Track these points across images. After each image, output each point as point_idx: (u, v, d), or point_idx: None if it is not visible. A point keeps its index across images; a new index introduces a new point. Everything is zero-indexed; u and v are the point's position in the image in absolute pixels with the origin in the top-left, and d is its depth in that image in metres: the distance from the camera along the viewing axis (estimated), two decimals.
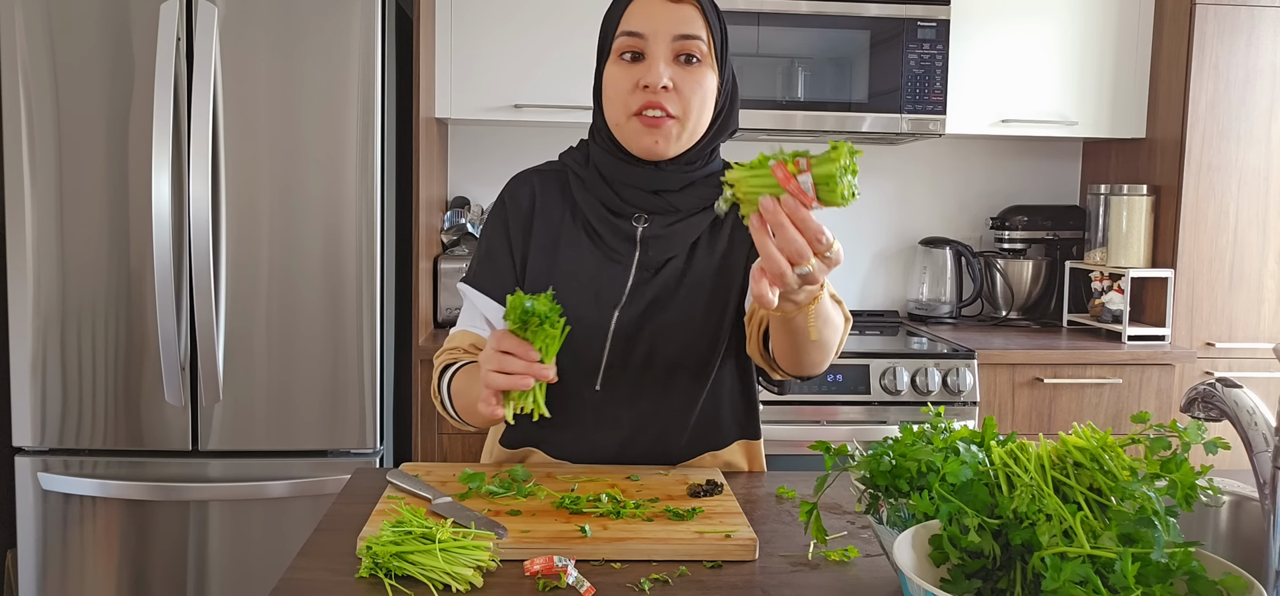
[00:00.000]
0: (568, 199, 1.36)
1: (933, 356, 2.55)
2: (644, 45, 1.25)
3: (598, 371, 1.33)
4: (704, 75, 1.27)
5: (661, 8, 1.24)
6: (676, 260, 1.32)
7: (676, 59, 1.25)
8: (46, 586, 2.36)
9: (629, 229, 1.32)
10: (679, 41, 1.24)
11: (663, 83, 1.24)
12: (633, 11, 1.26)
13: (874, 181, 3.21)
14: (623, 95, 1.27)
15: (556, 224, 1.35)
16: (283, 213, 2.31)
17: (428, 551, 1.01)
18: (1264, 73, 2.76)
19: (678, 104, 1.25)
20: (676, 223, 1.32)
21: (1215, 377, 0.93)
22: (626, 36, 1.25)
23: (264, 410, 2.34)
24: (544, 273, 1.34)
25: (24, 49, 2.23)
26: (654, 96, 1.24)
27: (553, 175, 1.39)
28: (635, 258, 1.32)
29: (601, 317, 1.31)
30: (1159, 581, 0.80)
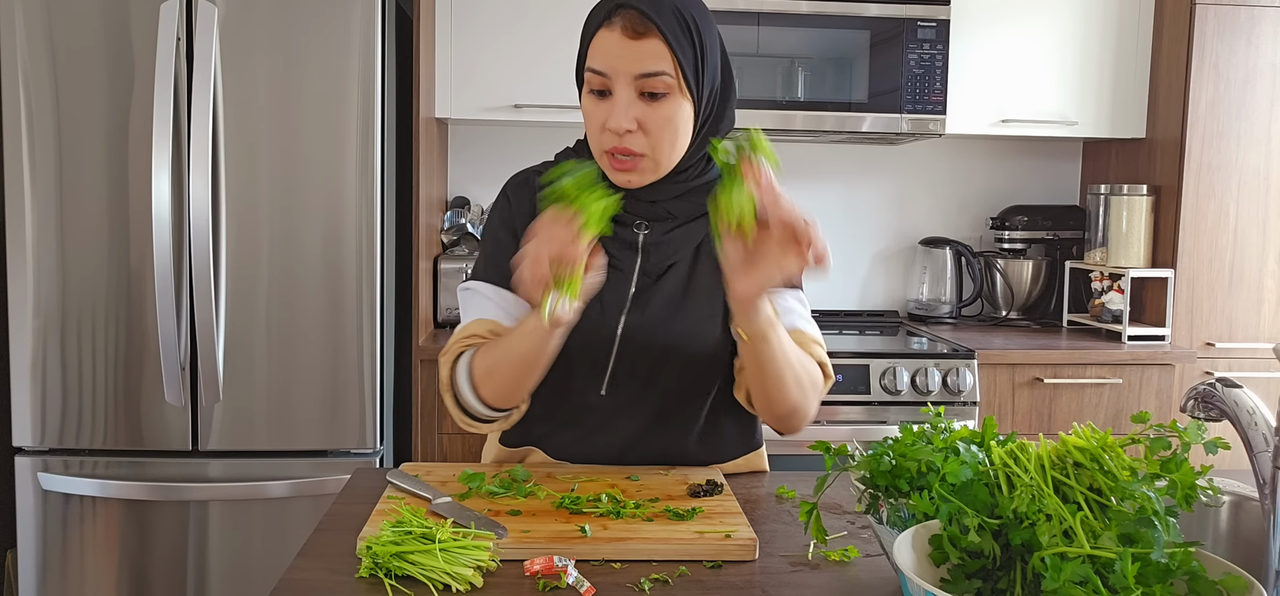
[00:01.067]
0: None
1: (933, 356, 2.55)
2: (608, 83, 1.21)
3: (604, 376, 1.32)
4: (671, 108, 1.22)
5: (622, 45, 1.19)
6: (680, 267, 1.31)
7: (642, 96, 1.21)
8: (46, 586, 2.36)
9: (630, 236, 1.31)
10: (641, 80, 1.20)
11: (626, 126, 1.20)
12: (596, 47, 1.21)
13: (874, 181, 3.21)
14: (595, 131, 1.25)
15: None
16: (283, 213, 2.31)
17: (428, 551, 1.01)
18: (1264, 73, 2.76)
19: (644, 143, 1.22)
20: (676, 229, 1.31)
21: (1215, 377, 0.93)
22: (592, 73, 1.22)
23: (264, 410, 2.34)
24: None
25: (24, 49, 2.23)
26: (618, 141, 1.21)
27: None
28: (638, 264, 1.31)
29: (607, 322, 1.30)
30: (1159, 581, 0.80)
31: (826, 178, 3.19)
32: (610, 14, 1.20)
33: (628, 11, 1.19)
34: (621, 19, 1.19)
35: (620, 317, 1.30)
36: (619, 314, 1.30)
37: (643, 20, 1.18)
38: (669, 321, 1.30)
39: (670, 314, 1.30)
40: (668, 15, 1.19)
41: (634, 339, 1.30)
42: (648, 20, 1.18)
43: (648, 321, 1.30)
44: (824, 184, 3.19)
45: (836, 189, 3.19)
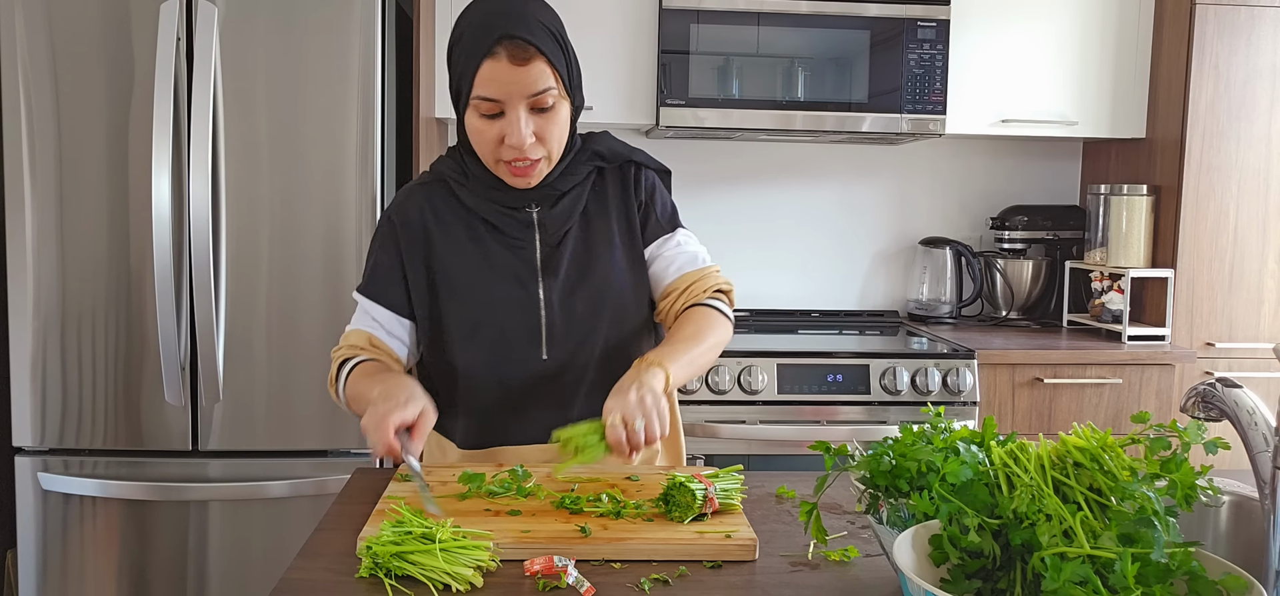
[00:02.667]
0: (458, 204, 1.44)
1: (933, 356, 2.55)
2: (500, 107, 1.31)
3: (541, 342, 1.41)
4: (559, 112, 1.35)
5: (511, 72, 1.29)
6: (573, 230, 1.44)
7: (533, 110, 1.32)
8: (46, 586, 2.36)
9: (526, 217, 1.42)
10: (533, 98, 1.31)
11: (528, 141, 1.32)
12: (484, 78, 1.30)
13: (874, 181, 3.21)
14: (490, 145, 1.35)
15: (458, 228, 1.43)
16: (283, 212, 2.31)
17: (428, 551, 1.01)
18: (1264, 73, 2.76)
19: (541, 149, 1.35)
20: (561, 200, 1.43)
21: (1215, 377, 0.93)
22: (481, 101, 1.31)
23: (264, 410, 2.34)
24: (462, 271, 1.42)
25: (24, 49, 2.23)
26: (520, 154, 1.33)
27: (434, 187, 1.46)
28: (537, 238, 1.43)
29: (528, 292, 1.41)
30: (1159, 581, 0.80)
31: (826, 178, 3.19)
32: (492, 45, 1.28)
33: (510, 41, 1.28)
34: (505, 49, 1.28)
35: (537, 283, 1.41)
36: (535, 282, 1.41)
37: (524, 46, 1.29)
38: (581, 276, 1.42)
39: (578, 269, 1.43)
40: (543, 36, 1.31)
41: (555, 298, 1.41)
42: (529, 45, 1.29)
43: (563, 281, 1.42)
44: (824, 184, 3.19)
45: (836, 189, 3.19)
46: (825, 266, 3.22)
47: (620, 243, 1.45)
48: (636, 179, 1.47)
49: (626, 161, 1.47)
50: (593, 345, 1.43)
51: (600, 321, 1.43)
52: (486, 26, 1.29)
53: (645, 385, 1.22)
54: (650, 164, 1.50)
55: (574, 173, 1.43)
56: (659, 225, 1.48)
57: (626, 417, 1.19)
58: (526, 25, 1.29)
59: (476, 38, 1.30)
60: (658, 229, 1.48)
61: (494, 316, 1.40)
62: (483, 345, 1.41)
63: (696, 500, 1.16)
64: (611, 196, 1.46)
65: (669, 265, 1.46)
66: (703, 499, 1.17)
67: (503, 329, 1.40)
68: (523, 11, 1.30)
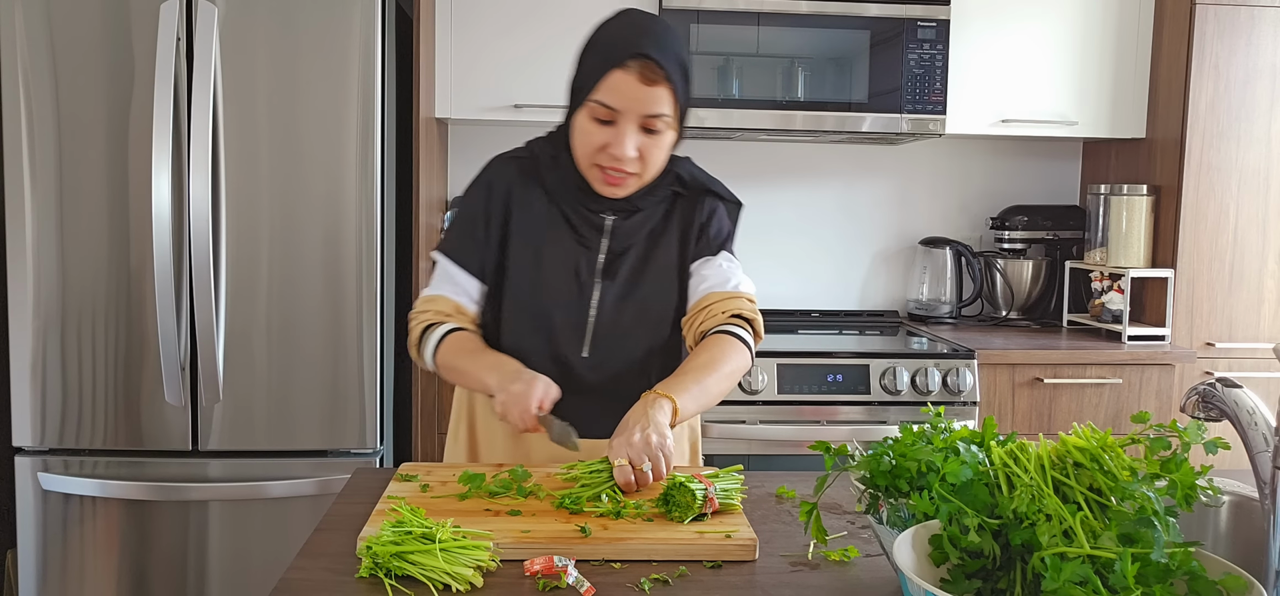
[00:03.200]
0: (542, 188, 1.49)
1: (933, 356, 2.55)
2: (615, 116, 1.37)
3: (584, 339, 1.47)
4: (665, 138, 1.41)
5: (636, 88, 1.34)
6: (638, 246, 1.50)
7: (642, 129, 1.38)
8: (46, 586, 2.36)
9: (599, 221, 1.48)
10: (647, 119, 1.37)
11: (631, 154, 1.38)
12: (609, 85, 1.35)
13: (874, 181, 3.21)
14: (590, 149, 1.40)
15: (536, 209, 1.49)
16: (283, 213, 2.31)
17: (428, 551, 1.01)
18: (1264, 73, 2.76)
19: (639, 165, 1.40)
20: (636, 214, 1.49)
21: (1215, 377, 0.93)
22: (599, 105, 1.36)
23: (264, 410, 2.34)
24: (529, 254, 1.47)
25: (24, 49, 2.23)
26: (619, 164, 1.38)
27: (527, 163, 1.51)
28: (604, 244, 1.48)
29: (584, 291, 1.47)
30: (1159, 581, 0.80)
31: (826, 178, 3.19)
32: (626, 58, 1.34)
33: (645, 60, 1.34)
34: (638, 65, 1.34)
35: (595, 285, 1.47)
36: (593, 282, 1.48)
37: (656, 69, 1.34)
38: (634, 287, 1.48)
39: (633, 279, 1.48)
40: (674, 64, 1.36)
41: (607, 302, 1.47)
42: (660, 69, 1.34)
43: (617, 288, 1.48)
44: (824, 184, 3.19)
45: (836, 189, 3.19)
46: (825, 266, 3.22)
47: (676, 263, 1.51)
48: (701, 205, 1.52)
49: (704, 191, 1.53)
50: (632, 352, 1.49)
51: (642, 332, 1.49)
52: (626, 39, 1.35)
53: (651, 422, 1.26)
54: (725, 195, 1.55)
55: (653, 193, 1.49)
56: (706, 245, 1.52)
57: (633, 459, 1.23)
58: (662, 50, 1.35)
59: (614, 45, 1.36)
60: (704, 248, 1.52)
61: (545, 305, 1.46)
62: (529, 329, 1.47)
63: (696, 500, 1.16)
64: (678, 220, 1.52)
65: (701, 284, 1.50)
66: (703, 499, 1.17)
67: (551, 319, 1.46)
68: (663, 38, 1.36)
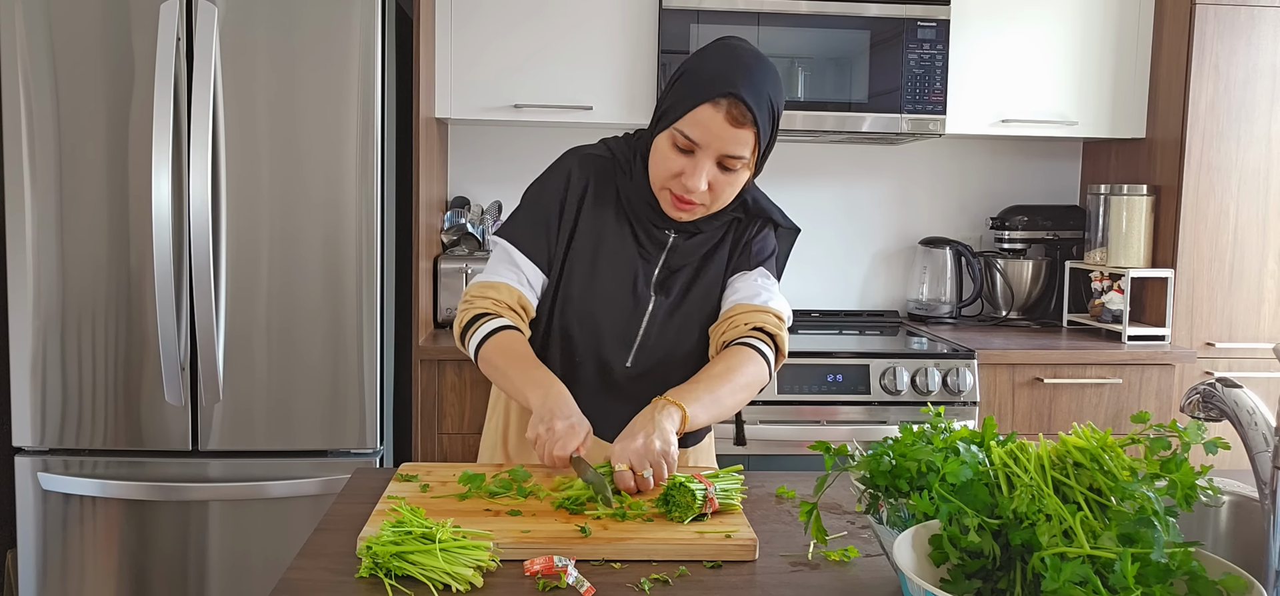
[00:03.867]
0: (613, 190, 1.48)
1: (933, 356, 2.55)
2: (694, 148, 1.34)
3: (631, 349, 1.48)
4: (739, 177, 1.39)
5: (722, 127, 1.32)
6: (691, 265, 1.50)
7: (719, 166, 1.36)
8: (46, 586, 2.36)
9: (661, 236, 1.48)
10: (727, 158, 1.35)
11: (702, 188, 1.36)
12: (696, 118, 1.32)
13: (874, 181, 3.21)
14: (665, 173, 1.38)
15: (606, 213, 1.48)
16: (283, 212, 2.31)
17: (428, 551, 1.01)
18: (1264, 73, 2.76)
19: (708, 198, 1.39)
20: (698, 235, 1.49)
21: (1215, 377, 0.93)
22: (681, 135, 1.34)
23: (264, 410, 2.34)
24: (588, 255, 1.47)
25: (24, 49, 2.23)
26: (689, 195, 1.37)
27: (606, 164, 1.49)
28: (662, 258, 1.49)
29: (640, 302, 1.48)
30: (1159, 581, 0.80)
31: (826, 178, 3.19)
32: (719, 95, 1.31)
33: (736, 101, 1.31)
34: (728, 104, 1.31)
35: (650, 298, 1.48)
36: (649, 295, 1.49)
37: (745, 112, 1.32)
38: (683, 302, 1.50)
39: (685, 296, 1.50)
40: (764, 110, 1.34)
41: (658, 317, 1.49)
42: (749, 113, 1.32)
43: (670, 303, 1.49)
44: (824, 184, 3.19)
45: (836, 189, 3.19)
46: (825, 266, 3.21)
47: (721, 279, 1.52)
48: (753, 225, 1.52)
49: (763, 216, 1.52)
50: (674, 364, 1.50)
51: (684, 346, 1.51)
52: (723, 75, 1.31)
53: (656, 428, 1.26)
54: (782, 222, 1.54)
55: (718, 217, 1.48)
56: (745, 260, 1.52)
57: (634, 465, 1.24)
58: (757, 95, 1.32)
59: (709, 79, 1.32)
60: (743, 263, 1.52)
61: (598, 309, 1.46)
62: (578, 329, 1.47)
63: (697, 500, 1.16)
64: (731, 239, 1.52)
65: (732, 295, 1.51)
66: (703, 499, 1.17)
67: (598, 323, 1.47)
68: (760, 83, 1.33)
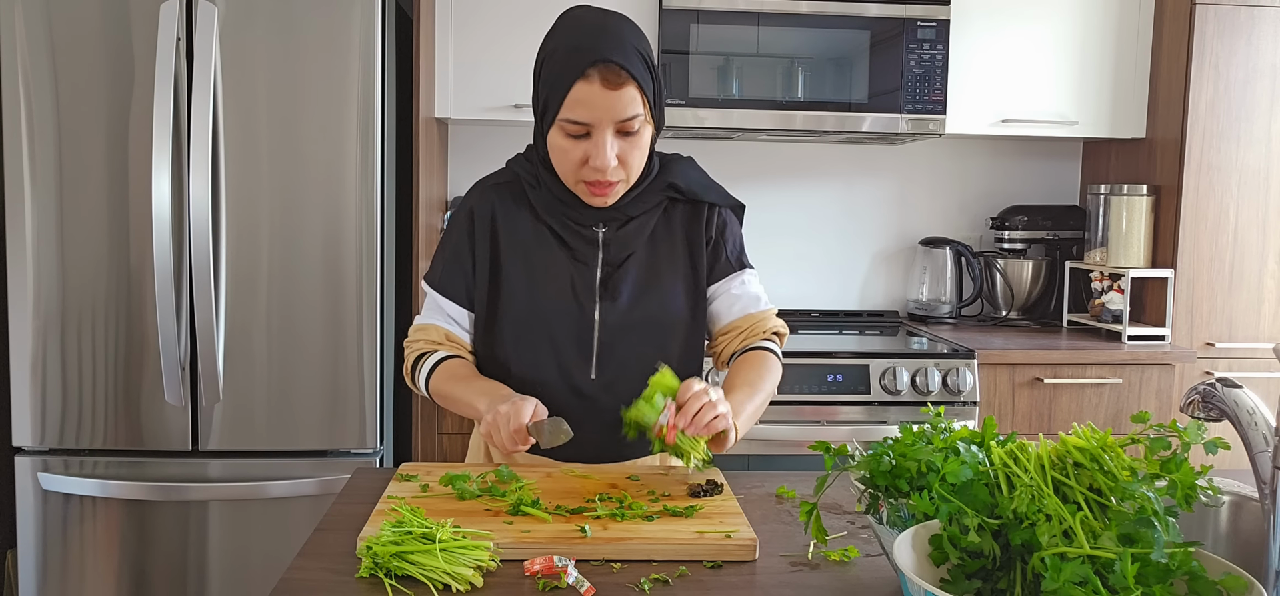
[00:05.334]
0: (528, 207, 1.45)
1: (933, 356, 2.55)
2: (588, 129, 1.31)
3: (591, 360, 1.42)
4: (643, 135, 1.35)
5: (602, 96, 1.28)
6: (638, 253, 1.44)
7: (619, 134, 1.33)
8: (46, 586, 2.36)
9: (591, 234, 1.43)
10: (622, 122, 1.31)
11: (612, 165, 1.33)
12: (575, 98, 1.29)
13: (874, 181, 3.21)
14: (572, 165, 1.35)
15: (524, 231, 1.44)
16: (283, 212, 2.31)
17: (428, 551, 1.01)
18: (1264, 73, 2.76)
19: (622, 171, 1.36)
20: (629, 223, 1.44)
21: (1215, 377, 0.93)
22: (569, 122, 1.31)
23: (264, 410, 2.34)
24: (522, 276, 1.43)
25: (24, 49, 2.23)
26: (602, 175, 1.33)
27: (507, 187, 1.47)
28: (600, 257, 1.43)
29: (584, 311, 1.42)
30: (1159, 581, 0.80)
31: (826, 178, 3.19)
32: (586, 68, 1.28)
33: (604, 65, 1.28)
34: (598, 72, 1.28)
35: (595, 304, 1.42)
36: (593, 302, 1.42)
37: (618, 72, 1.28)
38: (637, 300, 1.43)
39: (637, 294, 1.43)
40: (635, 61, 1.30)
41: (610, 320, 1.42)
42: (623, 70, 1.28)
43: (619, 304, 1.42)
44: (824, 184, 3.19)
45: (836, 189, 3.19)
46: (825, 266, 3.21)
47: (683, 274, 1.46)
48: (709, 216, 1.48)
49: (700, 200, 1.48)
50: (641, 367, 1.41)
51: (651, 347, 1.43)
52: (580, 48, 1.28)
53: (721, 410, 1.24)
54: (725, 201, 1.51)
55: (645, 200, 1.44)
56: (727, 264, 1.49)
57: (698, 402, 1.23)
58: (622, 50, 1.29)
59: (570, 58, 1.29)
60: (726, 268, 1.48)
61: (547, 327, 1.41)
62: (534, 352, 1.42)
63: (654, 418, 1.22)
64: (680, 227, 1.47)
65: (732, 304, 1.48)
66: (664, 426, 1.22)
67: (554, 341, 1.42)
68: (619, 35, 1.30)
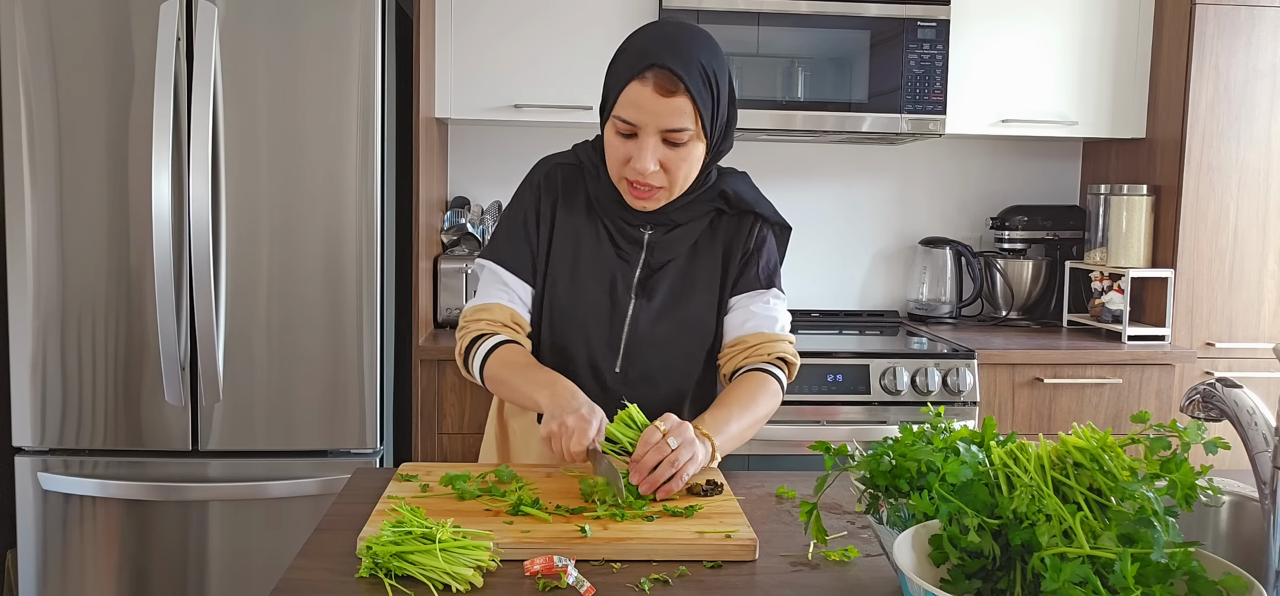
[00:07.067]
0: (585, 195, 1.47)
1: (933, 356, 2.55)
2: (635, 130, 1.33)
3: (618, 353, 1.45)
4: (691, 151, 1.35)
5: (653, 100, 1.29)
6: (679, 260, 1.46)
7: (665, 142, 1.33)
8: (46, 586, 2.36)
9: (636, 235, 1.45)
10: (668, 133, 1.32)
11: (651, 169, 1.33)
12: (627, 98, 1.31)
13: (874, 181, 3.21)
14: (617, 162, 1.37)
15: (578, 219, 1.47)
16: (283, 212, 2.31)
17: (428, 551, 1.01)
18: (1264, 73, 2.76)
19: (664, 178, 1.36)
20: (675, 230, 1.46)
21: (1215, 377, 0.93)
22: (619, 120, 1.33)
23: (264, 410, 2.34)
24: (568, 262, 1.45)
25: (24, 49, 2.23)
26: (642, 177, 1.34)
27: (574, 169, 1.48)
28: (641, 258, 1.46)
29: (618, 307, 1.45)
30: (1159, 581, 0.80)
31: (826, 178, 3.19)
32: (643, 69, 1.29)
33: (661, 70, 1.28)
34: (654, 76, 1.29)
35: (630, 301, 1.45)
36: (628, 299, 1.45)
37: (673, 79, 1.29)
38: (672, 306, 1.45)
39: (672, 299, 1.45)
40: (695, 74, 1.30)
41: (641, 320, 1.44)
42: (678, 80, 1.29)
43: (654, 305, 1.44)
44: (824, 184, 3.19)
45: (836, 189, 3.19)
46: (825, 266, 3.21)
47: (716, 282, 1.47)
48: (752, 229, 1.48)
49: (750, 211, 1.48)
50: (664, 370, 1.46)
51: (677, 351, 1.46)
52: (644, 50, 1.30)
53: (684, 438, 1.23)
54: (772, 218, 1.50)
55: (695, 208, 1.44)
56: (755, 279, 1.48)
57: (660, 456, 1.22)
58: (682, 60, 1.29)
59: (632, 58, 1.31)
60: (752, 282, 1.48)
61: (581, 315, 1.44)
62: (566, 338, 1.45)
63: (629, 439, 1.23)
64: (723, 238, 1.48)
65: (746, 320, 1.46)
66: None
67: (586, 330, 1.44)
68: (686, 48, 1.30)
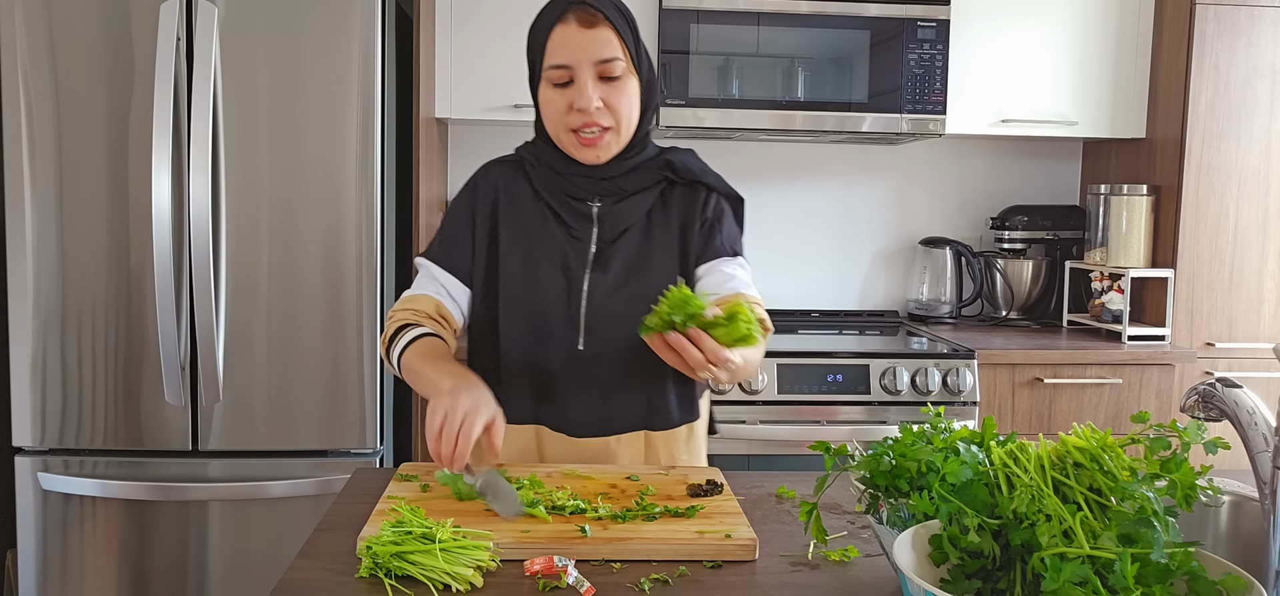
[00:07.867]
0: (529, 185, 1.51)
1: (933, 356, 2.55)
2: (570, 73, 1.39)
3: (579, 331, 1.45)
4: (627, 85, 1.42)
5: (579, 35, 1.38)
6: (633, 232, 1.48)
7: (601, 79, 1.40)
8: (46, 586, 2.36)
9: (586, 210, 1.48)
10: (601, 65, 1.39)
11: (594, 104, 1.39)
12: (554, 44, 1.39)
13: (874, 181, 3.21)
14: (559, 115, 1.42)
15: (525, 209, 1.50)
16: (283, 212, 2.31)
17: (428, 551, 1.01)
18: (1264, 73, 2.76)
19: (609, 117, 1.41)
20: (625, 200, 1.49)
21: (1215, 377, 0.93)
22: (554, 68, 1.40)
23: (264, 410, 2.34)
24: (519, 251, 1.48)
25: (24, 49, 2.23)
26: (587, 118, 1.40)
27: (513, 165, 1.54)
28: (594, 232, 1.48)
29: (574, 280, 1.46)
30: (1159, 581, 0.80)
31: (826, 178, 3.19)
32: (562, 12, 1.39)
33: (578, 7, 1.38)
34: (574, 13, 1.38)
35: (585, 275, 1.46)
36: (583, 274, 1.46)
37: (591, 12, 1.38)
38: (630, 277, 1.46)
39: (630, 271, 1.46)
40: (610, 7, 1.40)
41: (598, 292, 1.45)
42: (596, 11, 1.38)
43: (610, 279, 1.46)
44: (824, 184, 3.19)
45: (836, 189, 3.19)
46: (825, 266, 3.22)
47: (675, 255, 1.49)
48: (706, 201, 1.50)
49: (697, 182, 1.50)
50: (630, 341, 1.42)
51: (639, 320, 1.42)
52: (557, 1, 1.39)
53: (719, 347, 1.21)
54: (722, 188, 1.52)
55: (642, 178, 1.48)
56: (721, 247, 1.49)
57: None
58: None
59: (548, 10, 1.41)
60: (718, 251, 1.49)
61: (536, 299, 1.46)
62: (525, 327, 1.46)
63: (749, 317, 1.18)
64: (676, 210, 1.50)
65: (725, 282, 1.46)
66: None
67: (543, 313, 1.45)
68: None
